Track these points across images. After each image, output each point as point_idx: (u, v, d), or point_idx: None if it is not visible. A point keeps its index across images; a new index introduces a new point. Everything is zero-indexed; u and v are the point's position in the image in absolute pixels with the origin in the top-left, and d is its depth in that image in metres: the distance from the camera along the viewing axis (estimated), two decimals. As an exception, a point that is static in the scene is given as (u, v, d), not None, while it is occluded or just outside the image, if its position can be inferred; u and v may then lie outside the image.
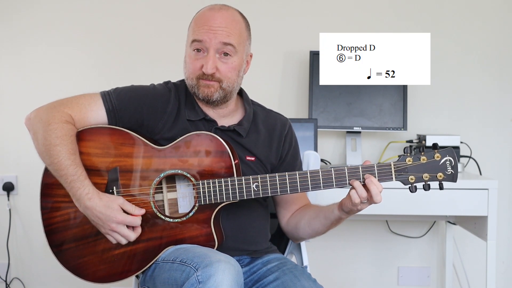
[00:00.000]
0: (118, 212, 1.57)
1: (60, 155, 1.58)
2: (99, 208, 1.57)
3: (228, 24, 1.67)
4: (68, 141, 1.60)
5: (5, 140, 2.99)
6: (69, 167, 1.58)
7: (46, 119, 1.63)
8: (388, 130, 2.82)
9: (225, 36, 1.66)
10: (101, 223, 1.58)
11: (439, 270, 3.03)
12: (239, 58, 1.70)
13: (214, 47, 1.66)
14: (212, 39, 1.65)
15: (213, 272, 1.41)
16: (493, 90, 2.97)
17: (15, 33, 2.97)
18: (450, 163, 1.56)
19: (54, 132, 1.60)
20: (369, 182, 1.55)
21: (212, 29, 1.66)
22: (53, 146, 1.59)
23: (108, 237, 1.61)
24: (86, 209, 1.59)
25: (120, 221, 1.58)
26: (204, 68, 1.66)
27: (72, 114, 1.65)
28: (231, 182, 1.61)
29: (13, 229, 3.00)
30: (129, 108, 1.70)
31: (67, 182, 1.59)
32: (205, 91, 1.69)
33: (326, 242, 3.00)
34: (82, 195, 1.58)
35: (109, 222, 1.57)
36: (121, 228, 1.58)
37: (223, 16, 1.68)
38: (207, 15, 1.69)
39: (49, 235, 1.69)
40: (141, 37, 2.97)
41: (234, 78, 1.71)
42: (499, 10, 2.96)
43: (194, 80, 1.70)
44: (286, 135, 1.83)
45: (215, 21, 1.66)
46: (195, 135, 1.65)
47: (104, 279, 1.67)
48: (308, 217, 1.78)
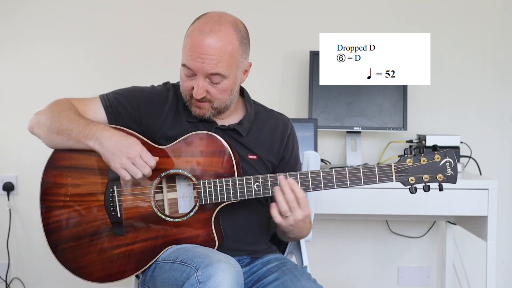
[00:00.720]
0: (137, 143, 1.57)
1: (69, 115, 1.64)
2: (118, 137, 1.57)
3: (216, 52, 1.60)
4: (75, 112, 1.66)
5: (5, 140, 2.99)
6: (80, 119, 1.63)
7: (49, 106, 1.70)
8: (388, 130, 2.82)
9: (212, 66, 1.61)
10: (117, 151, 1.56)
11: (439, 270, 3.03)
12: (231, 80, 1.66)
13: (202, 74, 1.63)
14: (200, 68, 1.61)
15: (213, 272, 1.41)
16: (493, 90, 2.97)
17: (15, 33, 2.97)
18: (450, 164, 1.57)
19: (61, 106, 1.67)
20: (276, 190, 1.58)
21: (199, 57, 1.61)
22: (61, 112, 1.65)
23: (121, 172, 1.57)
24: (102, 139, 1.57)
25: (138, 151, 1.56)
26: (193, 93, 1.65)
27: (73, 103, 1.70)
28: (232, 182, 1.61)
29: (13, 229, 3.00)
30: (127, 105, 1.71)
31: (79, 130, 1.60)
32: (197, 111, 1.70)
33: (326, 242, 3.00)
34: (99, 128, 1.59)
35: (128, 149, 1.55)
36: (138, 157, 1.56)
37: (211, 43, 1.60)
38: (197, 40, 1.61)
39: (48, 234, 1.69)
40: (142, 36, 2.97)
41: (225, 97, 1.69)
42: (499, 10, 2.96)
43: (187, 97, 1.70)
44: (289, 136, 1.82)
45: (202, 49, 1.60)
46: (195, 135, 1.66)
47: (103, 278, 1.67)
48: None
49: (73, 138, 1.62)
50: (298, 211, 1.58)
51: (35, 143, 1.83)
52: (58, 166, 1.68)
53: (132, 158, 1.56)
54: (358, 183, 1.59)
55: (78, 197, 1.66)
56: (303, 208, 1.58)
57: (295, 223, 1.59)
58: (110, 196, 1.64)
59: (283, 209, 1.57)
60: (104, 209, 1.65)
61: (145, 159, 1.57)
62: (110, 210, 1.64)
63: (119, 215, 1.64)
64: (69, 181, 1.67)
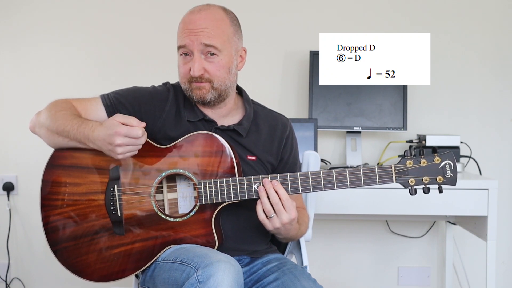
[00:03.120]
0: (116, 126, 1.54)
1: (65, 116, 1.64)
2: (102, 133, 1.56)
3: (208, 25, 1.66)
4: (73, 111, 1.67)
5: (5, 140, 2.99)
6: (74, 120, 1.63)
7: (49, 105, 1.70)
8: (388, 130, 2.82)
9: (205, 38, 1.66)
10: (109, 146, 1.55)
11: (439, 270, 3.03)
12: (227, 56, 1.70)
13: (198, 49, 1.66)
14: (194, 41, 1.66)
15: (213, 272, 1.41)
16: (493, 90, 2.97)
17: (15, 32, 2.97)
18: (449, 166, 1.58)
19: (59, 105, 1.68)
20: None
21: (192, 32, 1.66)
22: (58, 112, 1.65)
23: (127, 155, 1.57)
24: (95, 141, 1.58)
25: (120, 133, 1.53)
26: (191, 71, 1.67)
27: (73, 103, 1.70)
28: (233, 182, 1.61)
29: (13, 229, 3.00)
30: (128, 106, 1.72)
31: (75, 132, 1.61)
32: (198, 93, 1.70)
33: (326, 242, 3.01)
34: (89, 131, 1.59)
35: (112, 139, 1.53)
36: (124, 139, 1.53)
37: (202, 17, 1.68)
38: (188, 19, 1.69)
39: (48, 234, 1.69)
40: (142, 36, 2.97)
41: (224, 76, 1.70)
42: (499, 10, 2.96)
43: (187, 83, 1.71)
44: (288, 137, 1.83)
45: (195, 24, 1.67)
46: (196, 135, 1.66)
47: (103, 278, 1.67)
48: None
49: (73, 139, 1.63)
50: (284, 214, 1.58)
51: (35, 143, 1.84)
52: (58, 165, 1.68)
53: (122, 144, 1.54)
54: (358, 184, 1.59)
55: (78, 196, 1.67)
56: (289, 211, 1.59)
57: (282, 226, 1.60)
58: (111, 195, 1.65)
59: (267, 208, 1.58)
60: (105, 208, 1.65)
61: (132, 135, 1.53)
62: (110, 210, 1.65)
63: (119, 215, 1.64)
64: (70, 180, 1.67)
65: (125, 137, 1.54)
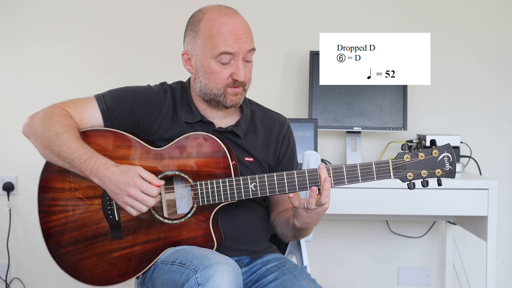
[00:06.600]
0: (135, 176, 1.53)
1: (68, 141, 1.58)
2: (117, 176, 1.53)
3: (247, 29, 1.66)
4: (73, 131, 1.61)
5: (5, 140, 2.99)
6: (80, 149, 1.58)
7: (44, 116, 1.64)
8: (388, 130, 2.82)
9: (249, 43, 1.66)
10: (118, 191, 1.53)
11: (439, 270, 3.02)
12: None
13: (241, 55, 1.65)
14: (241, 48, 1.63)
15: (212, 274, 1.41)
16: (493, 90, 2.97)
17: (15, 33, 2.97)
18: (448, 159, 1.55)
19: (58, 123, 1.61)
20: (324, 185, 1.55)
21: (239, 37, 1.63)
22: (60, 135, 1.59)
23: (127, 209, 1.55)
24: (104, 180, 1.55)
25: (137, 185, 1.52)
26: (236, 76, 1.65)
27: (69, 111, 1.66)
28: (229, 182, 1.60)
29: (13, 229, 3.00)
30: (124, 109, 1.70)
31: (81, 162, 1.57)
32: (233, 99, 1.68)
33: (326, 242, 3.00)
34: (100, 166, 1.55)
35: (126, 187, 1.52)
36: (138, 193, 1.52)
37: (241, 21, 1.66)
38: (229, 23, 1.63)
39: (47, 239, 1.68)
40: (142, 35, 2.97)
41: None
42: (500, 10, 2.96)
43: (222, 89, 1.67)
44: (284, 136, 1.81)
45: (240, 29, 1.64)
46: (192, 136, 1.65)
47: (103, 282, 1.67)
48: (282, 220, 1.77)
49: (76, 169, 1.59)
50: (328, 203, 1.58)
51: (35, 144, 1.83)
52: (54, 171, 1.67)
53: (133, 196, 1.53)
54: (355, 181, 1.57)
55: (75, 201, 1.66)
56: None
57: (318, 216, 1.60)
58: (108, 200, 1.64)
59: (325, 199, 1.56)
60: (102, 212, 1.65)
61: (147, 191, 1.53)
62: (107, 214, 1.64)
63: (117, 218, 1.64)
64: (66, 185, 1.66)
65: (140, 192, 1.52)
